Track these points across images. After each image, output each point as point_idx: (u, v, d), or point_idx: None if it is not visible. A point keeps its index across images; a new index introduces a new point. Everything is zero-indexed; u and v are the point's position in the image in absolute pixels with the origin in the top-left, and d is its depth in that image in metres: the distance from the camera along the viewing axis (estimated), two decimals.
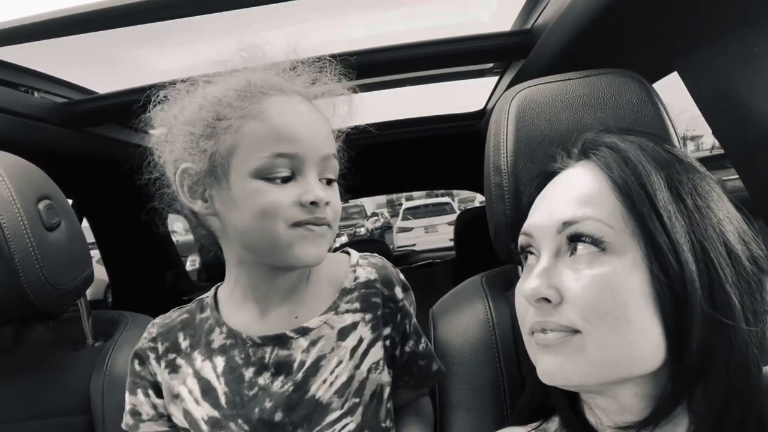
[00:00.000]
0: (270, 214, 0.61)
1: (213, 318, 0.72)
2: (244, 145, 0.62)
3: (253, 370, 0.67)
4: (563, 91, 0.76)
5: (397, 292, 0.74)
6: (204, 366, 0.69)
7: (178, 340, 0.72)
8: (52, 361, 0.97)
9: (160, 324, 0.75)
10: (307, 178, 0.63)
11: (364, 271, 0.74)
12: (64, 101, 1.37)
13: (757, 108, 0.86)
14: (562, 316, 0.50)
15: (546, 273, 0.52)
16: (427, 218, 11.48)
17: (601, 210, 0.51)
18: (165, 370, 0.71)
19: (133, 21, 1.04)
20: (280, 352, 0.68)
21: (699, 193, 0.51)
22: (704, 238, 0.49)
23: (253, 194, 0.61)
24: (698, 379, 0.48)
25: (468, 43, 1.28)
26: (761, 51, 0.87)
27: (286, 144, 0.61)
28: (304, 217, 0.62)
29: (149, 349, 0.73)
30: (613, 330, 0.48)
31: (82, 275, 0.96)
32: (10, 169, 0.85)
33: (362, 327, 0.71)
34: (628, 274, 0.49)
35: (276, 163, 0.61)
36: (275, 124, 0.62)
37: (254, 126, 0.62)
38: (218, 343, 0.70)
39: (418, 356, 0.77)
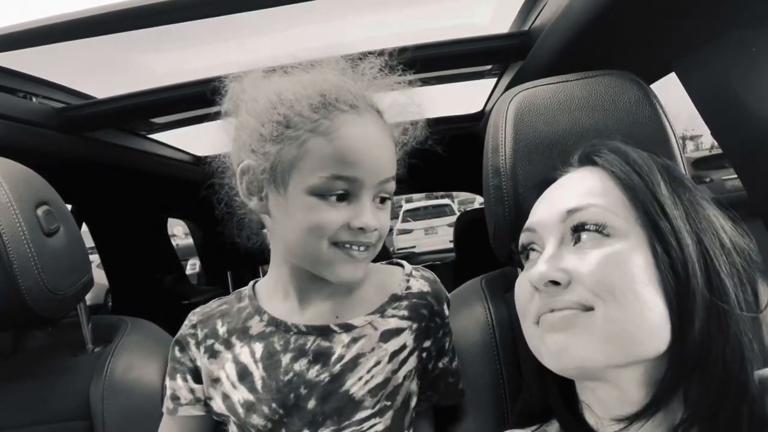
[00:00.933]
0: (317, 231, 0.62)
1: (252, 307, 0.74)
2: (307, 159, 0.62)
3: (291, 356, 0.69)
4: (561, 92, 0.76)
5: (444, 308, 0.76)
6: (242, 351, 0.71)
7: (216, 327, 0.74)
8: (52, 366, 0.97)
9: (200, 312, 0.77)
10: (361, 202, 0.63)
11: (417, 282, 0.76)
12: (62, 106, 1.37)
13: (754, 108, 0.86)
14: (573, 294, 0.51)
15: (552, 259, 0.53)
16: (426, 220, 11.47)
17: (603, 199, 0.53)
18: (204, 355, 0.73)
19: (130, 26, 1.04)
20: (321, 342, 0.69)
21: (693, 194, 0.54)
22: (699, 229, 0.52)
23: (306, 209, 0.62)
24: (697, 365, 0.49)
25: (466, 45, 1.28)
26: (758, 51, 0.87)
27: (348, 168, 0.61)
28: (349, 239, 0.63)
29: (189, 335, 0.75)
30: (622, 306, 0.49)
31: (82, 280, 0.95)
32: (8, 175, 0.85)
33: (407, 334, 0.72)
34: (633, 254, 0.50)
35: (334, 184, 0.61)
36: (341, 145, 0.61)
37: (321, 143, 0.61)
38: (257, 330, 0.72)
39: (449, 374, 0.77)
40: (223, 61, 1.37)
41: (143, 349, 0.97)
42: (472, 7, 1.36)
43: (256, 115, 0.65)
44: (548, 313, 0.53)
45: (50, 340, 1.04)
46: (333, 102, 0.62)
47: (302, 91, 0.63)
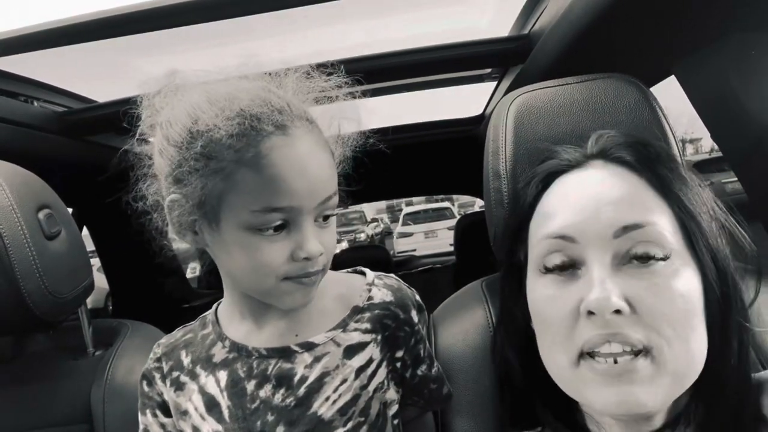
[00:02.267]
0: (261, 269, 0.59)
1: (215, 333, 0.71)
2: (235, 194, 0.57)
3: (255, 383, 0.66)
4: (561, 95, 0.76)
5: (413, 315, 0.73)
6: (208, 381, 0.68)
7: (181, 358, 0.72)
8: (53, 370, 0.97)
9: (165, 344, 0.75)
10: (302, 230, 0.59)
11: (380, 292, 0.72)
12: (63, 110, 1.37)
13: (754, 111, 0.87)
14: (636, 330, 0.46)
15: (609, 282, 0.47)
16: (427, 223, 11.48)
17: (656, 215, 0.49)
18: (171, 389, 0.70)
19: (131, 30, 1.05)
20: (283, 365, 0.66)
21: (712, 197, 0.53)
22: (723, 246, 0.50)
23: (244, 247, 0.59)
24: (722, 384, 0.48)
25: (466, 49, 1.29)
26: (758, 54, 0.87)
27: (281, 198, 0.56)
28: (296, 272, 0.60)
29: (155, 369, 0.73)
30: (682, 340, 0.46)
31: (83, 284, 0.95)
32: (9, 179, 0.85)
33: (372, 347, 0.69)
34: (690, 281, 0.47)
35: (269, 218, 0.57)
36: (270, 174, 0.56)
37: (248, 176, 0.56)
38: (220, 357, 0.69)
39: (430, 380, 0.75)
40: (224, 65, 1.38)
41: (144, 352, 0.96)
42: (472, 11, 1.36)
43: (174, 142, 0.59)
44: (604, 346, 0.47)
45: (51, 343, 1.04)
46: (255, 125, 0.56)
47: (220, 113, 0.56)
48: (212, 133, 0.56)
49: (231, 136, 0.55)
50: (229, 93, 0.58)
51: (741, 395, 0.48)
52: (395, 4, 1.28)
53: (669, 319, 0.46)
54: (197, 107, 0.58)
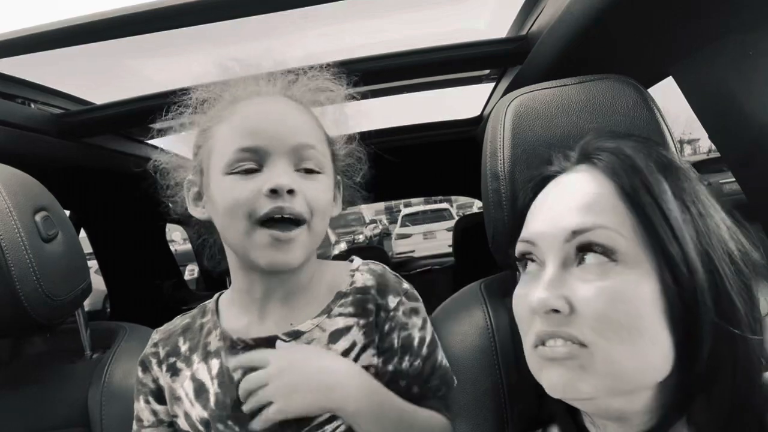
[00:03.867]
0: (235, 207, 0.63)
1: (212, 322, 0.73)
2: (216, 145, 0.66)
3: (242, 372, 0.66)
4: (559, 96, 0.76)
5: (389, 300, 0.72)
6: (200, 368, 0.71)
7: (178, 344, 0.74)
8: (50, 373, 0.97)
9: (163, 330, 0.77)
10: (271, 168, 0.64)
11: (362, 276, 0.74)
12: (60, 112, 1.37)
13: (752, 111, 0.87)
14: (574, 328, 0.49)
15: (554, 284, 0.50)
16: (425, 225, 11.48)
17: (611, 218, 0.50)
18: (167, 374, 0.73)
19: (129, 32, 1.05)
20: None
21: (700, 200, 0.51)
22: (709, 246, 0.49)
23: (222, 190, 0.65)
24: (704, 389, 0.48)
25: (464, 50, 1.29)
26: (755, 55, 0.88)
27: (249, 138, 0.64)
28: (267, 208, 0.62)
29: (151, 354, 0.75)
30: (624, 343, 0.47)
31: (80, 286, 0.95)
32: (6, 181, 0.85)
33: (356, 331, 0.70)
34: (640, 285, 0.48)
35: (240, 157, 0.64)
36: (240, 121, 0.66)
37: (224, 128, 0.66)
38: (214, 346, 0.71)
39: (401, 376, 0.72)
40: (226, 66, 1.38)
41: None
42: (469, 12, 1.36)
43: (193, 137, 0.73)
44: (549, 340, 0.51)
45: (48, 346, 1.03)
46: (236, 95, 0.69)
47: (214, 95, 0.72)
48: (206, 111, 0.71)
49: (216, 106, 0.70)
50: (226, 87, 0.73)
51: (741, 398, 0.47)
52: (393, 6, 1.28)
53: (610, 321, 0.47)
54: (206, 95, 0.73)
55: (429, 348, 0.74)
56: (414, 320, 0.74)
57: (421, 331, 0.74)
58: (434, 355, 0.74)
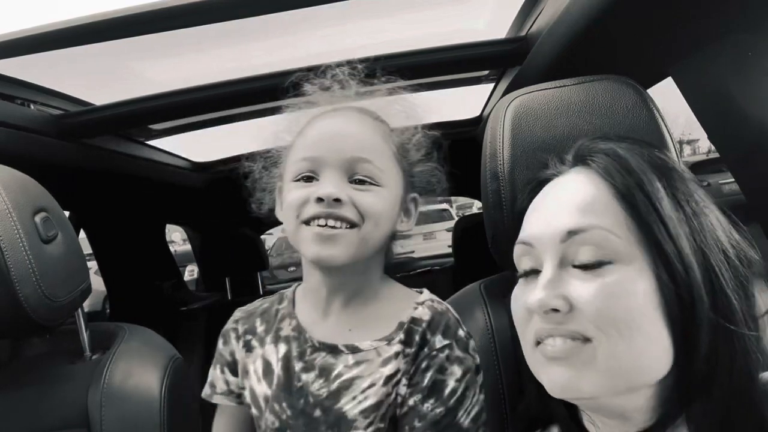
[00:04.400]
0: (290, 210, 0.71)
1: (287, 309, 0.79)
2: (291, 155, 0.74)
3: (301, 366, 0.73)
4: (558, 97, 0.76)
5: (437, 339, 0.70)
6: (269, 349, 0.76)
7: (255, 324, 0.80)
8: (50, 374, 0.96)
9: (245, 310, 0.84)
10: (323, 178, 0.69)
11: (422, 311, 0.73)
12: (60, 113, 1.37)
13: (751, 112, 0.87)
14: (574, 323, 0.49)
15: (552, 284, 0.51)
16: (425, 225, 11.46)
17: (605, 219, 0.51)
18: (243, 349, 0.79)
19: (128, 33, 1.05)
20: (329, 359, 0.72)
21: (694, 199, 0.52)
22: (704, 244, 0.49)
23: (286, 195, 0.73)
24: (703, 386, 0.48)
25: (463, 51, 1.29)
26: (754, 55, 0.88)
27: (310, 149, 0.71)
28: (313, 212, 0.67)
29: (231, 329, 0.82)
30: (623, 338, 0.48)
31: (80, 287, 0.95)
32: (6, 182, 0.85)
33: (401, 359, 0.70)
34: (636, 282, 0.48)
35: (301, 166, 0.71)
36: (309, 133, 0.73)
37: (299, 140, 0.74)
38: (286, 332, 0.76)
39: (417, 416, 0.68)
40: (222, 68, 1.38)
41: (141, 356, 0.97)
42: (469, 13, 1.36)
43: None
44: (549, 339, 0.51)
45: (48, 347, 1.03)
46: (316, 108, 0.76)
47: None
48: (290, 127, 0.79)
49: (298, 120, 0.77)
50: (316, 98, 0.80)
51: (739, 397, 0.47)
52: (393, 7, 1.28)
53: (610, 317, 0.48)
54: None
55: (456, 402, 0.69)
56: (455, 369, 0.70)
57: (457, 382, 0.69)
58: (457, 410, 0.69)
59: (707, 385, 0.48)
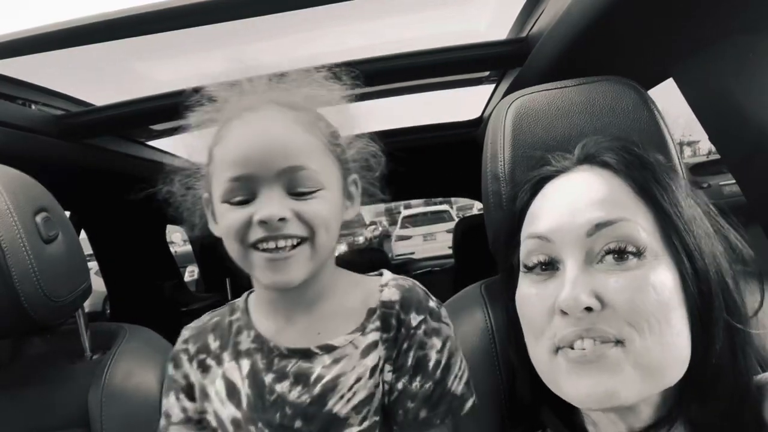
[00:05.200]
0: (228, 236, 0.64)
1: (243, 321, 0.74)
2: (215, 172, 0.65)
3: (273, 377, 0.68)
4: (559, 98, 0.76)
5: (412, 317, 0.69)
6: (230, 367, 0.71)
7: (207, 341, 0.74)
8: (50, 374, 0.96)
9: (193, 327, 0.77)
10: (261, 197, 0.62)
11: (389, 291, 0.72)
12: (61, 113, 1.37)
13: (752, 113, 0.87)
14: (606, 323, 0.48)
15: (580, 280, 0.49)
16: (425, 226, 11.48)
17: (631, 212, 0.50)
18: (197, 370, 0.73)
19: (129, 33, 1.05)
20: (302, 364, 0.68)
21: (705, 201, 0.53)
22: (713, 245, 0.50)
23: (220, 217, 0.65)
24: (711, 384, 0.48)
25: (464, 52, 1.29)
26: (756, 56, 0.88)
27: (239, 167, 0.62)
28: (259, 236, 0.62)
29: (182, 351, 0.75)
30: (655, 334, 0.47)
31: (80, 287, 0.95)
32: (7, 182, 0.85)
33: (381, 346, 0.69)
34: (665, 275, 0.48)
35: (232, 187, 0.63)
36: (231, 147, 0.63)
37: (219, 152, 0.65)
38: (245, 346, 0.71)
39: (409, 396, 0.68)
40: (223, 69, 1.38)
41: (142, 356, 0.97)
42: (470, 14, 1.36)
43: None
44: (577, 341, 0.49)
45: (49, 347, 1.03)
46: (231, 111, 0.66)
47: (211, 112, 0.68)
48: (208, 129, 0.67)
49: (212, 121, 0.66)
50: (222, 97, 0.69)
51: (737, 397, 0.48)
52: (394, 8, 1.29)
53: (642, 312, 0.47)
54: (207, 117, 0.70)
55: (443, 372, 0.70)
56: (434, 341, 0.70)
57: (438, 353, 0.69)
58: (446, 380, 0.69)
59: (713, 383, 0.48)
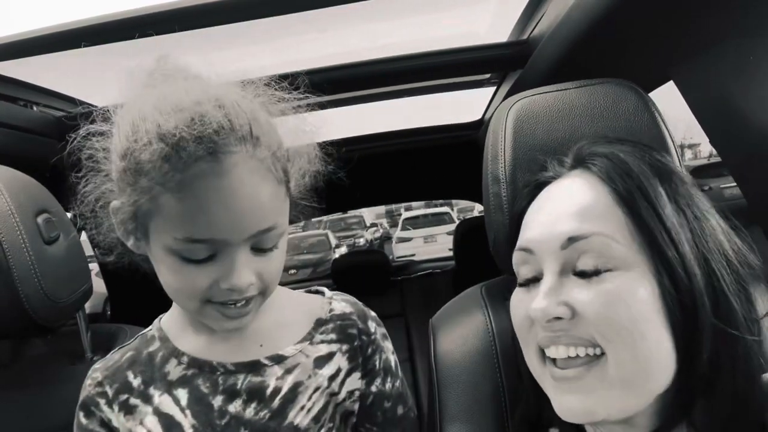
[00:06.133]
0: (183, 293, 0.58)
1: (165, 349, 0.68)
2: (160, 217, 0.54)
3: (223, 398, 0.64)
4: (560, 100, 0.76)
5: (369, 324, 0.75)
6: (163, 401, 0.65)
7: (128, 380, 0.67)
8: (51, 375, 0.97)
9: (103, 368, 0.69)
10: (228, 258, 0.56)
11: (339, 305, 0.75)
12: (62, 115, 1.37)
13: (753, 116, 0.87)
14: (578, 329, 0.49)
15: (553, 291, 0.51)
16: (426, 228, 11.49)
17: (606, 224, 0.50)
18: (120, 414, 0.65)
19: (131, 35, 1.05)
20: (253, 378, 0.65)
21: (695, 203, 0.51)
22: (706, 249, 0.49)
23: (169, 269, 0.57)
24: (705, 391, 0.48)
25: (465, 54, 1.29)
26: (756, 59, 0.88)
27: (204, 230, 0.53)
28: (222, 298, 0.58)
29: (97, 395, 0.67)
30: (627, 346, 0.47)
31: (81, 289, 0.95)
32: (8, 183, 0.85)
33: (339, 357, 0.70)
34: (638, 288, 0.48)
35: (191, 248, 0.54)
36: (193, 206, 0.53)
37: (171, 202, 0.53)
38: (176, 374, 0.66)
39: (384, 397, 0.74)
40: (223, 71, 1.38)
41: None
42: (471, 16, 1.36)
43: (118, 149, 0.56)
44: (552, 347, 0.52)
45: (49, 348, 1.03)
46: (182, 149, 0.51)
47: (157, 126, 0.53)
48: (146, 147, 0.52)
49: (160, 154, 0.52)
50: (175, 104, 0.54)
51: (740, 401, 0.47)
52: (395, 10, 1.29)
53: (612, 325, 0.48)
54: (145, 109, 0.55)
55: (400, 371, 0.78)
56: (387, 344, 0.77)
57: (393, 354, 0.77)
58: (402, 378, 0.79)
59: (710, 389, 0.48)
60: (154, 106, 0.55)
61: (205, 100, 0.54)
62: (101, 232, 0.65)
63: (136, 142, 0.53)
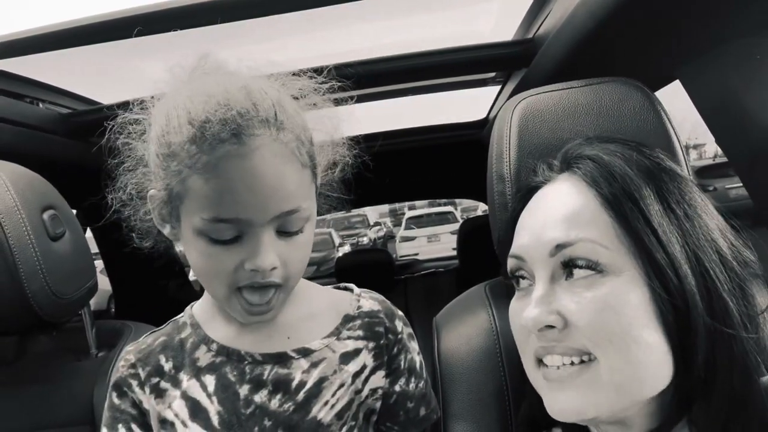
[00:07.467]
0: (212, 276, 0.60)
1: (196, 336, 0.69)
2: (189, 199, 0.57)
3: (249, 388, 0.65)
4: (565, 99, 0.76)
5: (396, 323, 0.74)
6: (191, 385, 0.66)
7: (160, 363, 0.68)
8: (56, 371, 0.97)
9: (137, 350, 0.70)
10: (253, 240, 0.57)
11: (368, 302, 0.74)
12: (68, 112, 1.38)
13: (759, 115, 0.86)
14: (571, 339, 0.50)
15: (544, 300, 0.51)
16: (430, 227, 11.49)
17: (593, 230, 0.50)
18: (151, 396, 0.67)
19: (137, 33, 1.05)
20: (279, 370, 0.66)
21: (687, 201, 0.51)
22: (698, 247, 0.49)
23: (197, 252, 0.59)
24: (703, 391, 0.48)
25: (470, 53, 1.29)
26: (763, 58, 0.87)
27: (229, 209, 0.55)
28: (247, 281, 0.59)
29: (130, 376, 0.68)
30: (620, 352, 0.48)
31: (86, 285, 0.96)
32: (15, 179, 0.85)
33: (365, 354, 0.70)
34: (628, 293, 0.48)
35: (218, 227, 0.56)
36: (218, 186, 0.55)
37: (199, 183, 0.55)
38: (205, 361, 0.67)
39: (407, 397, 0.73)
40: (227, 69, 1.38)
41: None
42: (476, 15, 1.36)
43: (153, 137, 0.60)
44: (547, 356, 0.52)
45: (54, 344, 1.04)
46: (215, 131, 0.54)
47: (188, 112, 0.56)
48: (177, 132, 0.56)
49: (190, 136, 0.55)
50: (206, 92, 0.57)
51: (738, 400, 0.47)
52: (400, 8, 1.29)
53: (603, 332, 0.48)
54: (178, 102, 0.58)
55: (425, 372, 0.77)
56: (413, 344, 0.76)
57: (419, 355, 0.76)
58: (427, 379, 0.77)
59: (708, 389, 0.48)
60: (187, 96, 0.58)
61: (233, 87, 0.57)
62: (137, 218, 0.68)
63: (168, 128, 0.57)
